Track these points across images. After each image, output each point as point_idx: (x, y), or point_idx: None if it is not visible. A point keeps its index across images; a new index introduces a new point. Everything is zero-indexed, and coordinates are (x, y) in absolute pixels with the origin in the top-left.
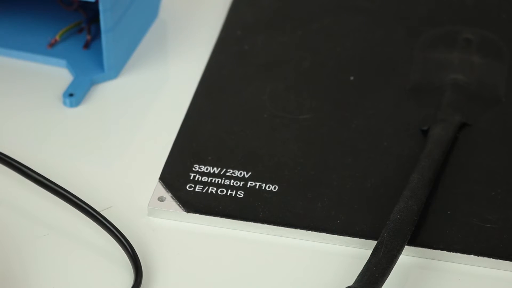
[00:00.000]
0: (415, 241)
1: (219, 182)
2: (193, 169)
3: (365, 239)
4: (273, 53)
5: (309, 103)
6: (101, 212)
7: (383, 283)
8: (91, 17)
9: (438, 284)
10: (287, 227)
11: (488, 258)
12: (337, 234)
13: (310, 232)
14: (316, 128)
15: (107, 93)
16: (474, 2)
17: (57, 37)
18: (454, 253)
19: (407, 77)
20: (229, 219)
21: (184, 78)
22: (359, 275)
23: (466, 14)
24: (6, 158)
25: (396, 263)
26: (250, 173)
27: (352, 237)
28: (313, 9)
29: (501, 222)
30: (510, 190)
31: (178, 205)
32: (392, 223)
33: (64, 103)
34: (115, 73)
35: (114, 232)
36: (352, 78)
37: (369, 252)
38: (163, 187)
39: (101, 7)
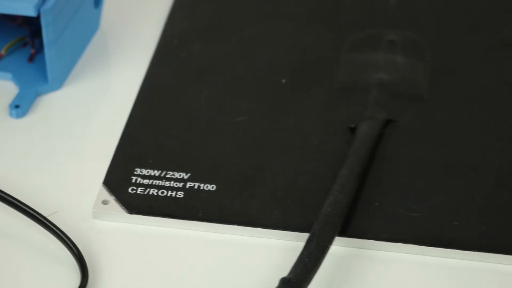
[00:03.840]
0: (345, 232)
1: (160, 184)
2: (135, 172)
3: (298, 232)
4: (208, 60)
5: (243, 106)
6: (48, 217)
7: (316, 273)
8: (35, 31)
9: (368, 271)
10: (225, 224)
11: (413, 245)
12: (272, 229)
13: (247, 228)
14: (251, 130)
15: (51, 104)
16: (397, 6)
17: (3, 52)
18: (382, 242)
19: (335, 78)
20: (170, 219)
21: (125, 86)
22: (293, 266)
23: (390, 17)
24: None
25: (328, 253)
26: (189, 174)
27: (286, 230)
28: (245, 17)
29: (425, 211)
30: (433, 181)
31: (121, 207)
32: (323, 216)
33: (11, 114)
34: (58, 84)
35: (60, 236)
36: (283, 81)
37: (303, 244)
38: (107, 190)
39: (43, 22)
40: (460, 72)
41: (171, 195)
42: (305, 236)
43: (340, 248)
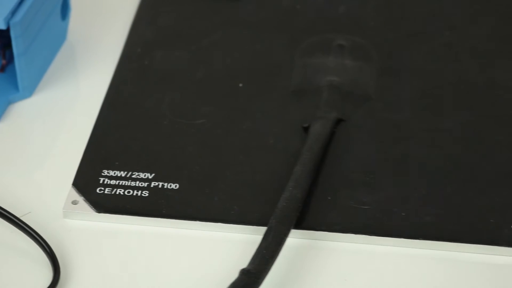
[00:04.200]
0: (300, 225)
1: (126, 184)
2: (102, 174)
3: (257, 226)
4: (170, 67)
5: (204, 109)
6: (21, 218)
7: (273, 263)
8: (5, 43)
9: (322, 261)
10: (188, 220)
11: (364, 235)
12: (233, 223)
13: (208, 223)
14: (211, 131)
15: (23, 111)
16: (345, 12)
17: None
18: (335, 233)
19: (289, 81)
20: (136, 216)
21: (92, 93)
22: (252, 258)
23: (339, 23)
24: None
25: (285, 245)
26: (153, 174)
27: (246, 225)
28: (204, 26)
29: (374, 203)
30: (381, 175)
31: (90, 206)
32: (279, 211)
33: None
34: (29, 93)
35: (33, 235)
36: (241, 85)
37: (261, 237)
38: (76, 191)
39: (12, 34)
40: (405, 73)
41: (136, 194)
42: (262, 229)
43: (296, 240)
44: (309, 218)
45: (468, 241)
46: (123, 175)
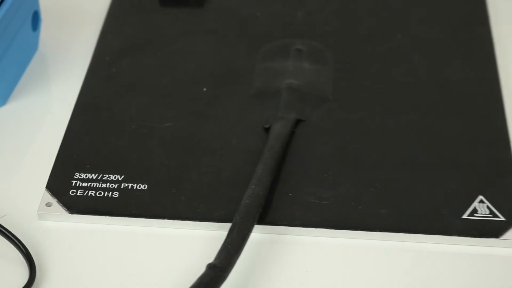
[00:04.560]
0: (263, 220)
1: (97, 186)
2: (75, 176)
3: (222, 222)
4: (137, 74)
5: (170, 113)
6: None
7: (238, 257)
8: None
9: (284, 255)
10: (156, 218)
11: (323, 229)
12: (199, 221)
13: (176, 221)
14: (177, 134)
15: None
16: (303, 18)
17: None
18: (296, 227)
19: (250, 85)
20: (107, 216)
21: (63, 100)
22: (218, 252)
23: (297, 28)
24: None
25: (249, 240)
26: (123, 176)
27: (211, 222)
28: (169, 34)
29: (333, 198)
30: (339, 172)
31: (63, 208)
32: (242, 207)
33: None
34: (3, 101)
35: (9, 236)
36: (205, 89)
37: (226, 233)
38: (50, 194)
39: None
40: (360, 75)
41: (107, 195)
42: (227, 226)
43: (259, 235)
44: (271, 214)
45: (421, 232)
46: (94, 177)
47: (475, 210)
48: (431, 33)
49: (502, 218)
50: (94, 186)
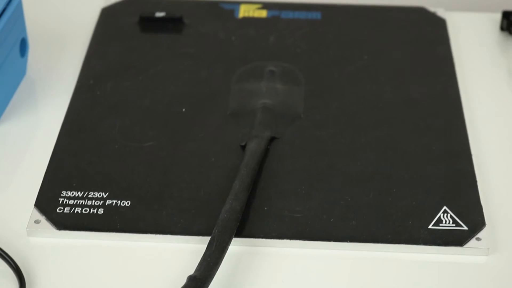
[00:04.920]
0: (240, 233)
1: (83, 203)
2: (61, 194)
3: (201, 236)
4: (119, 96)
5: (151, 133)
6: None
7: (217, 269)
8: None
9: (261, 265)
10: (139, 233)
11: (297, 240)
12: (179, 235)
13: (158, 235)
14: (158, 153)
15: None
16: (275, 42)
17: None
18: (272, 239)
19: (226, 105)
20: (93, 232)
21: (50, 121)
22: (198, 265)
23: (269, 51)
24: None
25: (227, 252)
26: (107, 193)
27: (191, 235)
28: (150, 58)
29: (306, 211)
30: (311, 186)
31: (51, 225)
32: (221, 222)
33: None
34: None
35: None
36: (184, 110)
37: (205, 246)
38: (38, 211)
39: None
40: (329, 94)
41: (93, 212)
42: (207, 239)
43: (237, 247)
44: (248, 227)
45: (390, 242)
46: (80, 195)
47: (439, 220)
48: (396, 54)
49: (465, 228)
50: (80, 203)
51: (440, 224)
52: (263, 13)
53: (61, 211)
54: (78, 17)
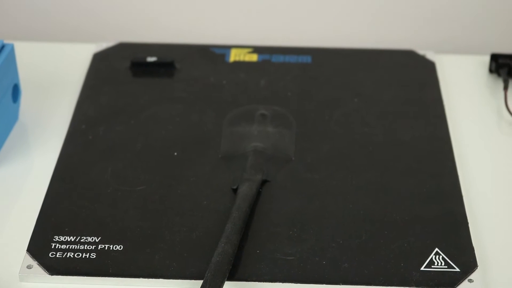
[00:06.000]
0: (233, 277)
1: (75, 248)
2: (54, 239)
3: (194, 279)
4: (112, 140)
5: (143, 177)
6: None
7: None
8: None
9: None
10: (132, 277)
11: (290, 284)
12: (172, 278)
13: (151, 279)
14: (150, 196)
15: None
16: (266, 86)
17: None
18: (264, 283)
19: (218, 149)
20: (85, 277)
21: (42, 166)
22: None
23: (261, 95)
24: None
25: None
26: (99, 237)
27: (184, 279)
28: (141, 102)
29: (298, 254)
30: (303, 228)
31: (44, 270)
32: (213, 265)
33: None
34: None
35: None
36: (175, 153)
37: None
38: (30, 256)
39: None
40: (320, 136)
41: (85, 256)
42: (199, 283)
43: None
44: (240, 270)
45: (382, 284)
46: (72, 240)
47: (431, 262)
48: (386, 96)
49: (457, 269)
50: (72, 248)
51: (432, 266)
52: (254, 57)
53: (54, 256)
54: (70, 63)
